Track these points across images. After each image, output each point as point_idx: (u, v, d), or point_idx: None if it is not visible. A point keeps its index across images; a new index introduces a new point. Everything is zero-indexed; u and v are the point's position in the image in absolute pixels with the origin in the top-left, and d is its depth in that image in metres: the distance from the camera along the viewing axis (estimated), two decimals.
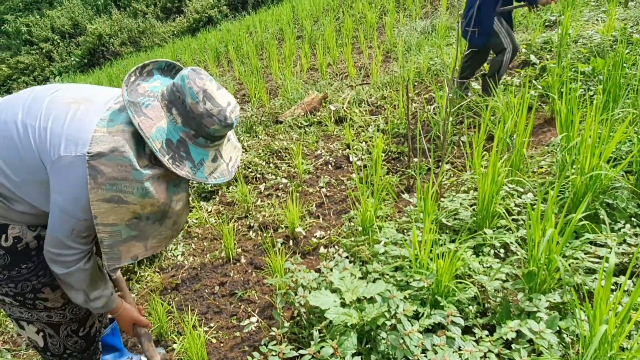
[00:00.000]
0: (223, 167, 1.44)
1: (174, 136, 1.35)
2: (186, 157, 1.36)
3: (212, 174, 1.40)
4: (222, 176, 1.43)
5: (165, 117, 1.35)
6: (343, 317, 1.60)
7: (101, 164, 1.28)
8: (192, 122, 1.35)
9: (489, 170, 2.13)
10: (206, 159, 1.39)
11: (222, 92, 1.39)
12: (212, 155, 1.41)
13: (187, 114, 1.34)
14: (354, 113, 4.34)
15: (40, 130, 1.32)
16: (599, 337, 1.30)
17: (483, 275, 1.88)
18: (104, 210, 1.32)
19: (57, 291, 1.57)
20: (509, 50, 3.57)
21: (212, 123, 1.34)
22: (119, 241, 1.40)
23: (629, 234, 1.98)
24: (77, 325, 1.69)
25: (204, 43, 10.75)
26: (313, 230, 2.87)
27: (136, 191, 1.33)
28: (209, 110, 1.33)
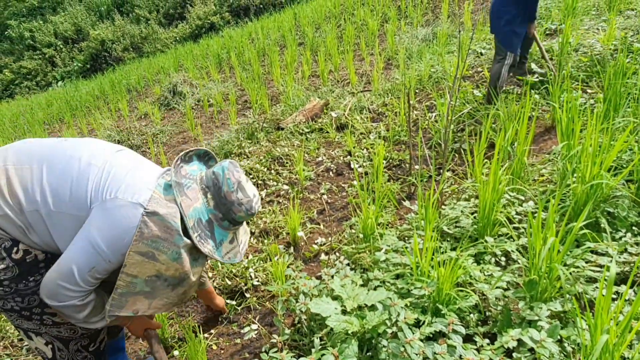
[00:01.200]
0: (237, 250, 1.66)
1: (204, 216, 1.56)
2: (210, 236, 1.57)
3: (227, 254, 1.61)
4: (235, 257, 1.65)
5: (200, 198, 1.57)
6: (344, 325, 1.60)
7: (153, 222, 1.43)
8: (222, 207, 1.59)
9: (490, 178, 2.13)
10: (225, 240, 1.61)
11: (250, 185, 1.65)
12: (230, 237, 1.63)
13: (220, 199, 1.58)
14: (355, 120, 4.35)
15: (104, 171, 1.45)
16: (600, 347, 1.30)
17: (484, 284, 1.88)
18: (134, 262, 1.44)
19: None
20: (508, 63, 3.60)
21: (239, 211, 1.60)
22: (131, 292, 1.50)
23: (630, 243, 1.98)
24: (88, 341, 1.69)
25: (206, 49, 10.80)
26: (314, 237, 2.87)
27: (170, 253, 1.48)
28: (240, 199, 1.59)
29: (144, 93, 9.39)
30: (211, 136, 5.70)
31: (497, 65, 3.64)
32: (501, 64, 3.61)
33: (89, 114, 8.58)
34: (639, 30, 4.02)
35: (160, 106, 7.70)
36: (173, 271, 1.52)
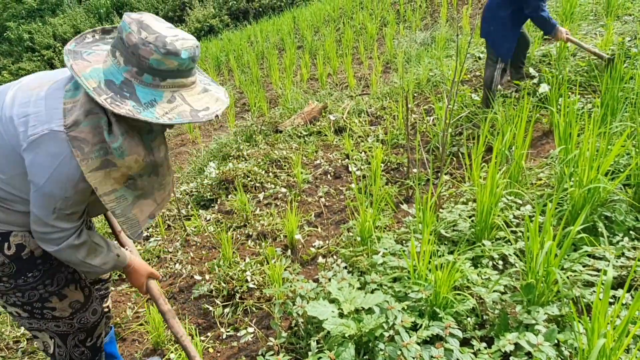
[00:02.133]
0: (184, 109, 1.29)
1: (117, 77, 1.26)
2: (130, 96, 1.25)
3: (166, 114, 1.26)
4: (182, 117, 1.27)
5: (109, 60, 1.28)
6: (341, 328, 1.60)
7: (81, 132, 1.25)
8: (132, 58, 1.24)
9: (488, 182, 2.13)
10: (159, 100, 1.27)
11: (168, 26, 1.30)
12: (168, 96, 1.28)
13: (125, 50, 1.25)
14: (353, 123, 4.36)
15: (7, 119, 1.29)
16: (597, 351, 1.30)
17: (481, 287, 1.87)
18: (100, 179, 1.30)
19: (65, 300, 1.56)
20: (500, 67, 3.61)
21: (149, 53, 1.23)
22: (128, 205, 1.41)
23: (627, 247, 1.98)
24: (85, 335, 1.68)
25: (205, 52, 10.81)
26: (312, 240, 2.86)
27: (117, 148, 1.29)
28: (144, 38, 1.23)
29: None
30: (209, 139, 5.70)
31: (489, 70, 3.65)
32: (493, 68, 3.63)
33: None
34: (637, 35, 4.04)
35: None
36: (136, 165, 1.35)
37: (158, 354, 2.23)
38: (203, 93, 1.36)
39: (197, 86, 1.35)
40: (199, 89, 1.35)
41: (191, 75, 1.32)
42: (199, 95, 1.35)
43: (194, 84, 1.35)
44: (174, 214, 3.56)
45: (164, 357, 2.20)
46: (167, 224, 3.46)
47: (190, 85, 1.33)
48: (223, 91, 1.45)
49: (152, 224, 3.50)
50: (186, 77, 1.30)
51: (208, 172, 4.00)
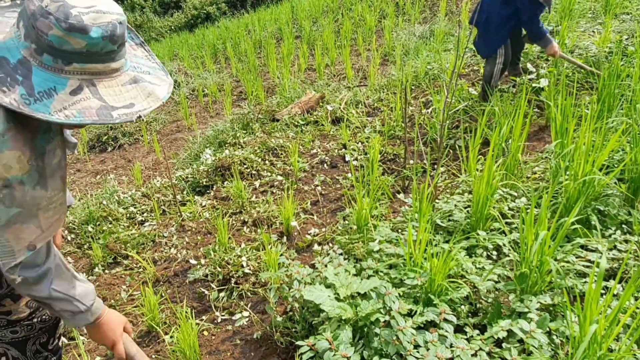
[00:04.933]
0: (89, 105, 0.98)
1: (14, 55, 0.98)
2: (22, 81, 0.97)
3: (64, 110, 0.96)
4: (83, 116, 0.97)
5: (12, 32, 1.01)
6: (338, 311, 1.61)
7: None
8: (31, 32, 0.97)
9: (485, 173, 2.16)
10: (60, 89, 0.97)
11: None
12: (74, 86, 0.98)
13: (27, 20, 0.97)
14: (350, 114, 4.36)
15: None
16: (589, 337, 1.33)
17: (476, 276, 1.90)
18: None
19: (21, 300, 1.33)
20: (500, 62, 3.63)
21: (48, 26, 0.94)
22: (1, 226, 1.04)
23: (619, 240, 2.02)
24: (47, 337, 1.45)
25: (201, 39, 10.73)
26: (307, 228, 2.88)
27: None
28: (45, 7, 0.94)
29: None
30: (205, 125, 5.68)
31: (489, 65, 3.67)
32: (493, 64, 3.65)
33: None
34: (634, 33, 4.07)
35: None
36: (20, 164, 1.01)
37: (152, 336, 2.24)
38: (130, 84, 1.06)
39: (123, 75, 1.05)
40: (124, 79, 1.05)
41: (111, 61, 1.02)
42: (123, 87, 1.05)
43: (117, 71, 1.04)
44: (169, 200, 3.55)
45: (159, 340, 2.21)
46: (162, 209, 3.46)
47: (109, 73, 1.03)
48: (166, 83, 1.15)
49: (147, 209, 3.50)
50: (102, 62, 1.00)
51: (204, 159, 3.99)
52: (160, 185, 3.82)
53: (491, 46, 3.60)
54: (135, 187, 4.09)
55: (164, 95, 1.10)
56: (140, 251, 2.98)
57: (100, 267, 2.87)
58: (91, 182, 4.89)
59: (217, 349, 2.08)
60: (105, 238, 3.10)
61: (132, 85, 1.06)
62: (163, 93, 1.11)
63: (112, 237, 3.10)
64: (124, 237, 3.08)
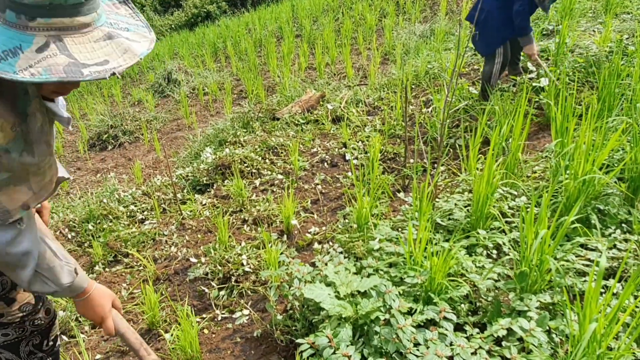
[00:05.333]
0: (56, 62, 0.92)
1: None
2: None
3: (29, 68, 0.90)
4: (50, 74, 0.91)
5: None
6: (338, 309, 1.62)
7: None
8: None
9: (485, 172, 2.16)
10: (26, 48, 0.91)
11: None
12: (40, 44, 0.92)
13: None
14: (351, 113, 4.36)
15: None
16: (589, 335, 1.33)
17: (476, 275, 1.90)
18: None
19: (14, 305, 1.33)
20: (499, 61, 3.63)
21: None
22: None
23: (619, 239, 2.02)
24: (40, 338, 1.43)
25: (202, 38, 10.73)
26: (307, 226, 2.88)
27: None
28: None
29: (137, 79, 9.30)
30: (206, 124, 5.68)
31: (489, 64, 3.68)
32: (492, 63, 3.65)
33: (81, 99, 8.48)
34: (634, 33, 4.07)
35: (155, 93, 7.64)
36: (4, 132, 1.01)
37: (153, 334, 2.25)
38: (104, 40, 0.99)
39: (96, 30, 0.98)
40: (97, 35, 0.98)
41: (78, 14, 0.94)
42: (96, 43, 0.97)
43: (88, 26, 0.97)
44: (169, 198, 3.55)
45: (159, 338, 2.21)
46: (163, 207, 3.46)
47: (79, 28, 0.95)
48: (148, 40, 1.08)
49: (147, 208, 3.50)
50: (69, 15, 0.93)
51: (204, 157, 4.00)
52: (161, 184, 3.82)
53: (491, 45, 3.60)
54: (135, 186, 4.09)
55: (142, 51, 1.03)
56: (140, 249, 2.99)
57: (101, 265, 2.87)
58: (91, 180, 4.89)
59: (218, 347, 2.09)
60: (105, 236, 3.10)
61: (106, 42, 0.99)
62: (142, 49, 1.04)
63: (113, 236, 3.11)
64: (124, 235, 3.09)
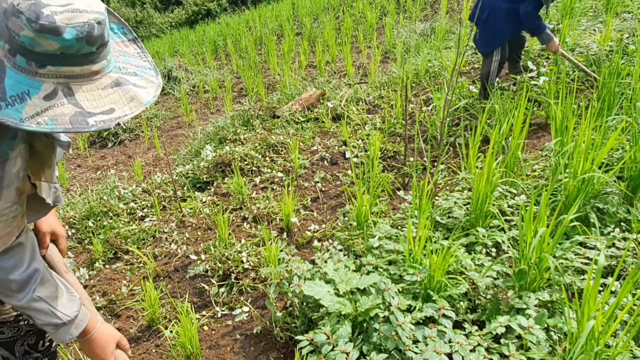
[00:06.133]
0: (62, 112, 0.90)
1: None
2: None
3: (36, 116, 0.89)
4: (55, 124, 0.89)
5: None
6: (337, 306, 1.62)
7: None
8: (4, 31, 0.90)
9: (484, 170, 2.16)
10: (34, 94, 0.90)
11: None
12: (48, 91, 0.91)
13: (1, 20, 0.91)
14: (351, 111, 4.37)
15: None
16: (587, 333, 1.34)
17: (475, 272, 1.91)
18: None
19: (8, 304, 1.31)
20: (496, 60, 3.63)
21: (19, 27, 0.86)
22: None
23: (617, 238, 2.02)
24: (35, 339, 1.41)
25: (202, 36, 10.72)
26: (307, 224, 2.89)
27: None
28: (17, 5, 0.87)
29: None
30: (206, 122, 5.68)
31: (487, 62, 3.69)
32: (489, 62, 3.66)
33: None
34: (635, 32, 4.07)
35: None
36: None
37: (153, 331, 2.26)
38: (112, 88, 0.98)
39: (104, 77, 0.97)
40: (106, 82, 0.97)
41: (89, 63, 0.93)
42: (104, 90, 0.97)
43: (98, 74, 0.96)
44: (169, 195, 3.56)
45: (159, 335, 2.22)
46: (163, 204, 3.47)
47: (89, 76, 0.94)
48: (154, 86, 1.06)
49: (148, 205, 3.51)
50: (80, 65, 0.92)
51: (204, 155, 4.00)
52: (161, 181, 3.83)
53: (492, 44, 3.60)
54: (135, 183, 4.10)
55: (148, 100, 1.01)
56: (140, 246, 2.99)
57: (101, 262, 2.88)
58: (92, 177, 4.89)
59: (217, 344, 2.09)
60: (105, 233, 3.11)
61: (113, 89, 0.98)
62: (148, 97, 1.02)
63: (113, 233, 3.11)
64: (124, 232, 3.09)
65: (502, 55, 3.67)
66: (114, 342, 1.29)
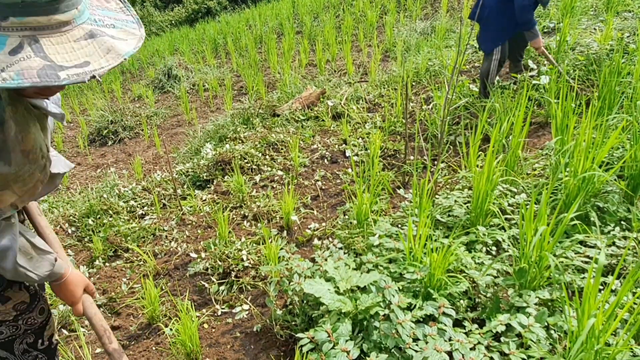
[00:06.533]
0: (30, 65, 0.84)
1: None
2: None
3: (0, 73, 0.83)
4: (22, 78, 0.83)
5: None
6: (338, 304, 1.62)
7: None
8: None
9: (485, 169, 2.16)
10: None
11: None
12: (14, 45, 0.85)
13: None
14: (351, 109, 4.36)
15: None
16: (587, 331, 1.34)
17: (475, 271, 1.91)
18: None
19: (8, 303, 1.33)
20: (496, 58, 3.64)
21: None
22: None
23: (618, 237, 2.02)
24: (34, 338, 1.43)
25: (202, 34, 10.71)
26: (307, 222, 2.89)
27: None
28: None
29: (137, 75, 9.29)
30: (206, 120, 5.68)
31: (486, 61, 3.69)
32: (489, 61, 3.66)
33: (81, 94, 8.47)
34: (635, 31, 4.06)
35: (155, 89, 7.64)
36: None
37: (153, 328, 2.26)
38: (85, 40, 0.91)
39: (76, 29, 0.91)
40: (78, 33, 0.90)
41: (55, 12, 0.87)
42: (76, 42, 0.90)
43: (68, 24, 0.89)
44: (169, 193, 3.56)
45: (159, 332, 2.22)
46: (163, 203, 3.47)
47: (57, 27, 0.88)
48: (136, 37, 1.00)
49: (148, 203, 3.51)
50: (45, 14, 0.86)
51: (204, 153, 4.00)
52: (161, 179, 3.83)
53: (494, 42, 3.60)
54: (135, 181, 4.10)
55: (127, 50, 0.94)
56: (140, 244, 2.99)
57: (101, 259, 2.88)
58: (91, 175, 4.89)
59: (217, 342, 2.09)
60: (105, 231, 3.11)
61: (87, 41, 0.91)
62: (128, 48, 0.95)
63: (113, 231, 3.11)
64: (124, 230, 3.09)
65: (502, 54, 3.67)
66: (82, 287, 1.35)
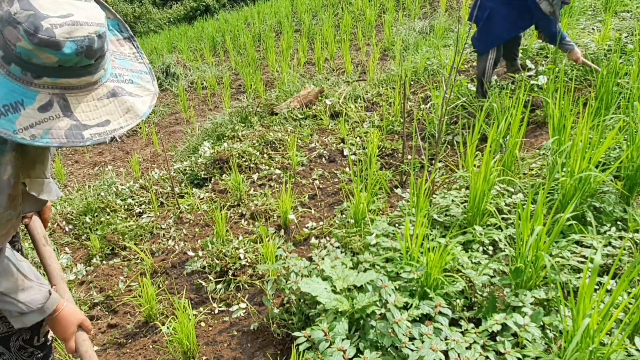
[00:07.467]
0: (59, 125, 0.87)
1: None
2: None
3: (30, 128, 0.85)
4: (50, 138, 0.86)
5: None
6: (334, 303, 1.63)
7: None
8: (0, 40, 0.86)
9: (482, 168, 2.17)
10: (28, 104, 0.86)
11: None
12: (44, 102, 0.87)
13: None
14: (349, 108, 4.36)
15: None
16: (582, 331, 1.35)
17: (471, 270, 1.92)
18: None
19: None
20: (491, 57, 3.64)
21: (16, 37, 0.83)
22: None
23: (614, 237, 2.03)
24: (30, 334, 1.42)
25: (200, 32, 10.69)
26: (305, 221, 2.89)
27: None
28: (14, 13, 0.82)
29: None
30: (204, 118, 5.67)
31: (482, 60, 3.69)
32: (485, 60, 3.67)
33: None
34: (633, 31, 4.07)
35: None
36: None
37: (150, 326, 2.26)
38: (108, 98, 0.95)
39: (101, 87, 0.94)
40: (102, 92, 0.94)
41: (87, 74, 0.90)
42: (99, 101, 0.94)
43: (95, 84, 0.93)
44: (167, 192, 3.56)
45: (156, 330, 2.22)
46: (160, 201, 3.46)
47: (85, 87, 0.92)
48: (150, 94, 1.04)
49: (145, 201, 3.51)
50: (77, 77, 0.89)
51: (202, 151, 4.00)
52: (159, 178, 3.82)
53: (490, 43, 3.61)
54: (133, 179, 4.09)
55: (144, 112, 0.99)
56: (138, 242, 2.99)
57: (98, 257, 2.88)
58: (89, 173, 4.88)
59: (214, 340, 2.10)
60: (103, 229, 3.11)
61: (109, 100, 0.95)
62: (144, 108, 1.00)
63: (110, 229, 3.11)
64: (121, 228, 3.09)
65: (497, 54, 3.68)
66: (76, 323, 1.30)
